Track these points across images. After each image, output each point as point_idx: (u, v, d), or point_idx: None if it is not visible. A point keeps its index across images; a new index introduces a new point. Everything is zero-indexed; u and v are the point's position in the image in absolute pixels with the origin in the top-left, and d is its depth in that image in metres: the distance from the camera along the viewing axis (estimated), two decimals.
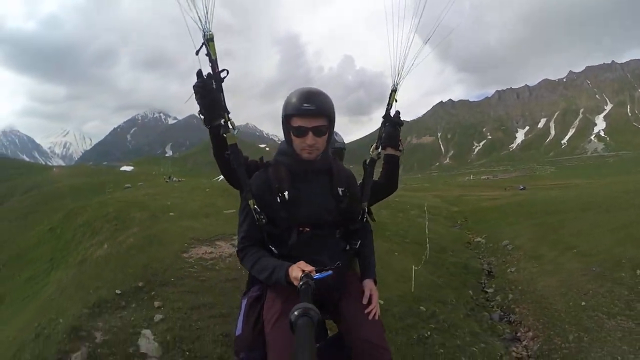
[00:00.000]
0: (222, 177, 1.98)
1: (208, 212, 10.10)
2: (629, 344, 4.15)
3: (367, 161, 2.15)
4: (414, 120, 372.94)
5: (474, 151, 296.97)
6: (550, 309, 5.37)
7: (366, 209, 2.00)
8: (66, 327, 3.65)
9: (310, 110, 1.60)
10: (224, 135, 1.74)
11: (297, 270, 1.45)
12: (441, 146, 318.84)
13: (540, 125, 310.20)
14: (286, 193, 1.69)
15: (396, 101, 2.13)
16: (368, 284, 1.83)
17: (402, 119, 2.20)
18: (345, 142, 2.77)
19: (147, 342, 3.57)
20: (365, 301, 1.75)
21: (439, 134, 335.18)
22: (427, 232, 9.15)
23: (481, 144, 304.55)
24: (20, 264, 10.99)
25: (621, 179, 35.39)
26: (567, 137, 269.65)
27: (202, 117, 1.72)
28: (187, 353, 3.50)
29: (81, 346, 3.39)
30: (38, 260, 10.25)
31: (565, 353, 4.31)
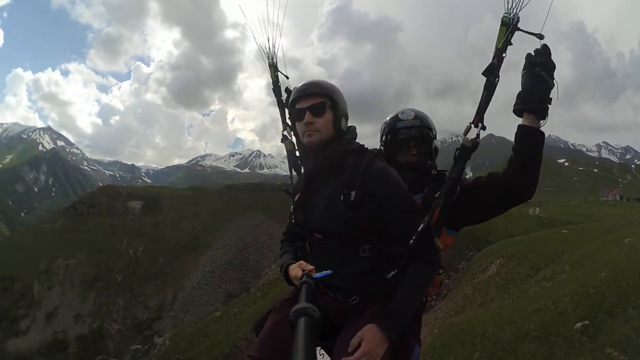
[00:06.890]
0: None
1: None
2: None
3: (457, 152, 1.56)
4: None
5: None
6: None
7: (422, 226, 1.39)
8: None
9: (305, 88, 1.55)
10: (282, 143, 1.93)
11: (297, 270, 1.42)
12: None
13: None
14: (296, 196, 1.65)
15: (541, 38, 1.32)
16: (363, 331, 1.34)
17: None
18: None
19: None
20: (350, 349, 1.32)
21: None
22: None
23: None
24: None
25: None
26: None
27: None
28: None
29: None
30: None
31: None
